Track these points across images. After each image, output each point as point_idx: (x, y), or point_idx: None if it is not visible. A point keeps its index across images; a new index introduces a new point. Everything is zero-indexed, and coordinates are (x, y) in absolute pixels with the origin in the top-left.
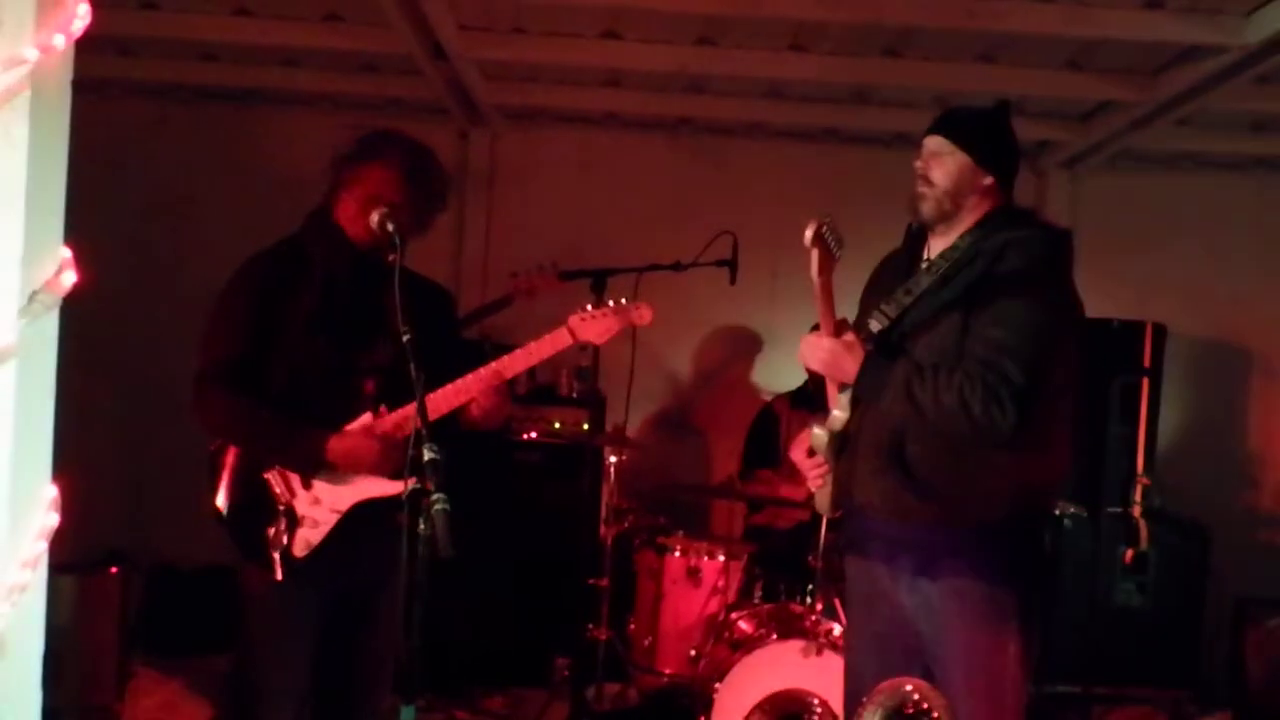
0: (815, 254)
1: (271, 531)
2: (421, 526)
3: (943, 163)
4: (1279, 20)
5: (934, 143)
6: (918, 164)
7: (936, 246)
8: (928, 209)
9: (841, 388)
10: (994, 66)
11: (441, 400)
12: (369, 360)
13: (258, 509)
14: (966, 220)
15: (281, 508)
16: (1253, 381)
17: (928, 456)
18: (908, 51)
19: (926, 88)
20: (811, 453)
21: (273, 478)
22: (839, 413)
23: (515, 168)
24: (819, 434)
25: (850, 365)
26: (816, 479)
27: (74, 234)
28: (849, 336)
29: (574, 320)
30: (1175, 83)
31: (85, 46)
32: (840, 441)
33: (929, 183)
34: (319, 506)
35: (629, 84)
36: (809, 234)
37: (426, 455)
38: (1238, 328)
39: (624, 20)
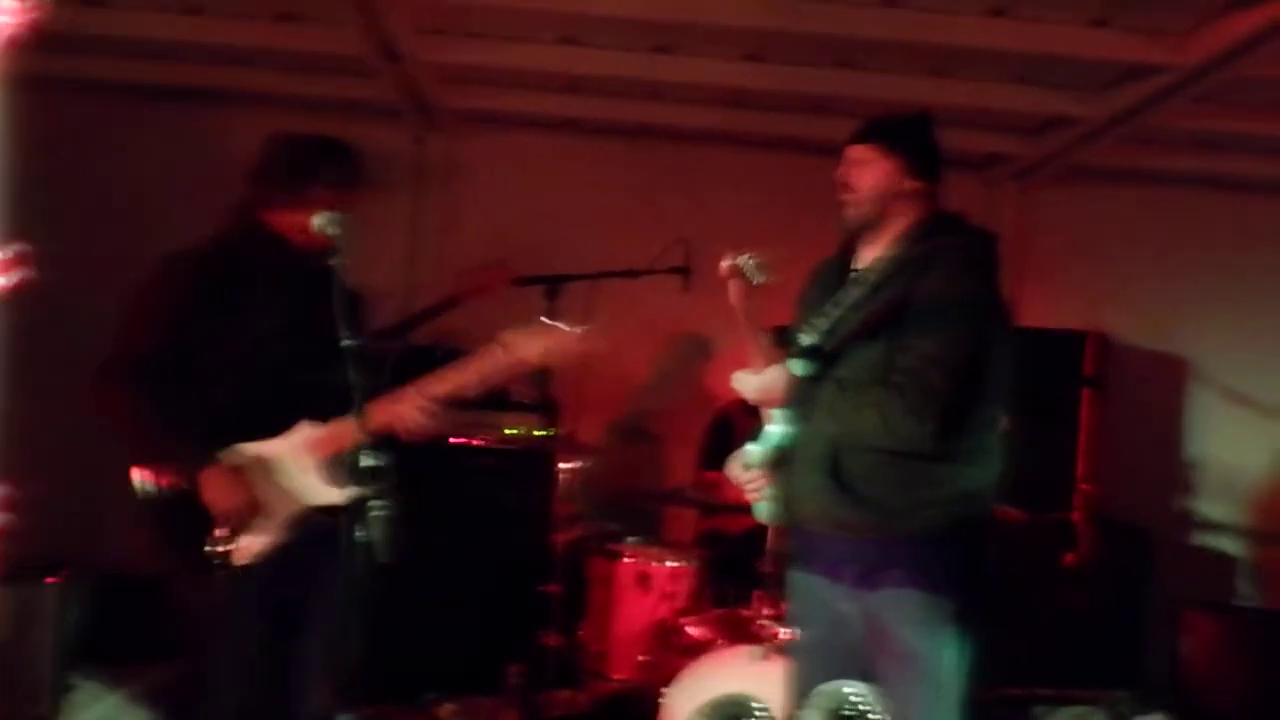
0: (733, 285)
1: (213, 539)
2: (362, 532)
3: (866, 170)
4: (1217, 41)
5: (857, 151)
6: (840, 172)
7: (865, 256)
8: (854, 215)
9: None
10: (946, 80)
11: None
12: (315, 369)
13: (197, 516)
14: (895, 228)
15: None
16: (1192, 390)
17: (864, 470)
18: (862, 64)
19: (880, 100)
20: (748, 467)
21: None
22: (774, 428)
23: (471, 172)
24: (753, 450)
25: (778, 395)
26: (754, 493)
27: (22, 234)
28: (776, 367)
29: (507, 336)
30: (1121, 99)
31: (32, 43)
32: (777, 456)
33: (851, 189)
34: (262, 513)
35: (587, 90)
36: (724, 267)
37: (367, 462)
38: (1178, 338)
39: (581, 26)
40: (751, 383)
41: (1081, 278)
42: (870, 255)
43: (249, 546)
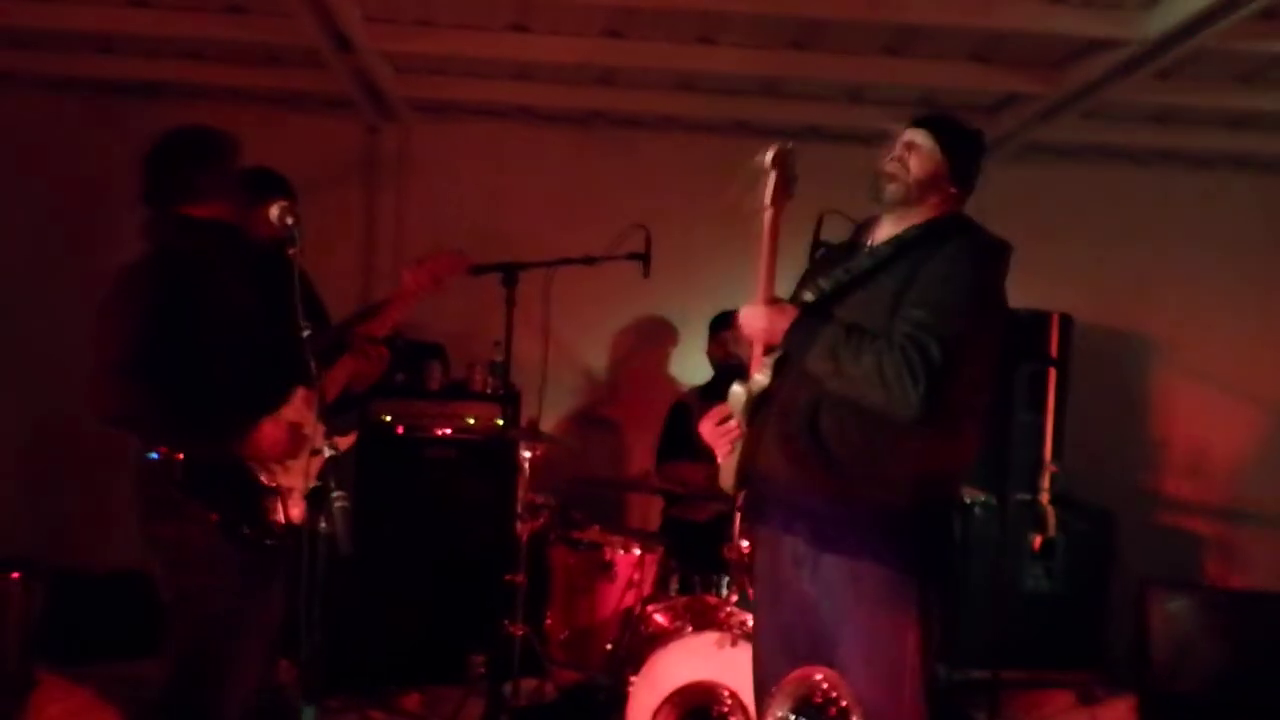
0: (772, 178)
1: (265, 513)
2: (322, 524)
3: (922, 156)
4: (1177, 14)
5: (919, 135)
6: (896, 147)
7: (882, 235)
8: (894, 190)
9: (768, 351)
10: (900, 59)
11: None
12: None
13: (247, 499)
14: (920, 216)
15: (270, 486)
16: (1155, 369)
17: (839, 430)
18: (815, 44)
19: (834, 80)
20: (724, 421)
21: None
22: (761, 377)
23: (426, 161)
24: (738, 391)
25: (782, 324)
26: (725, 446)
27: None
28: (783, 304)
29: (406, 272)
30: (1078, 76)
31: None
32: (756, 407)
33: (904, 167)
34: (293, 473)
35: (539, 77)
36: (769, 156)
37: (326, 452)
38: (1141, 317)
39: (531, 12)
40: (760, 310)
41: (1043, 257)
42: (887, 233)
43: (293, 511)
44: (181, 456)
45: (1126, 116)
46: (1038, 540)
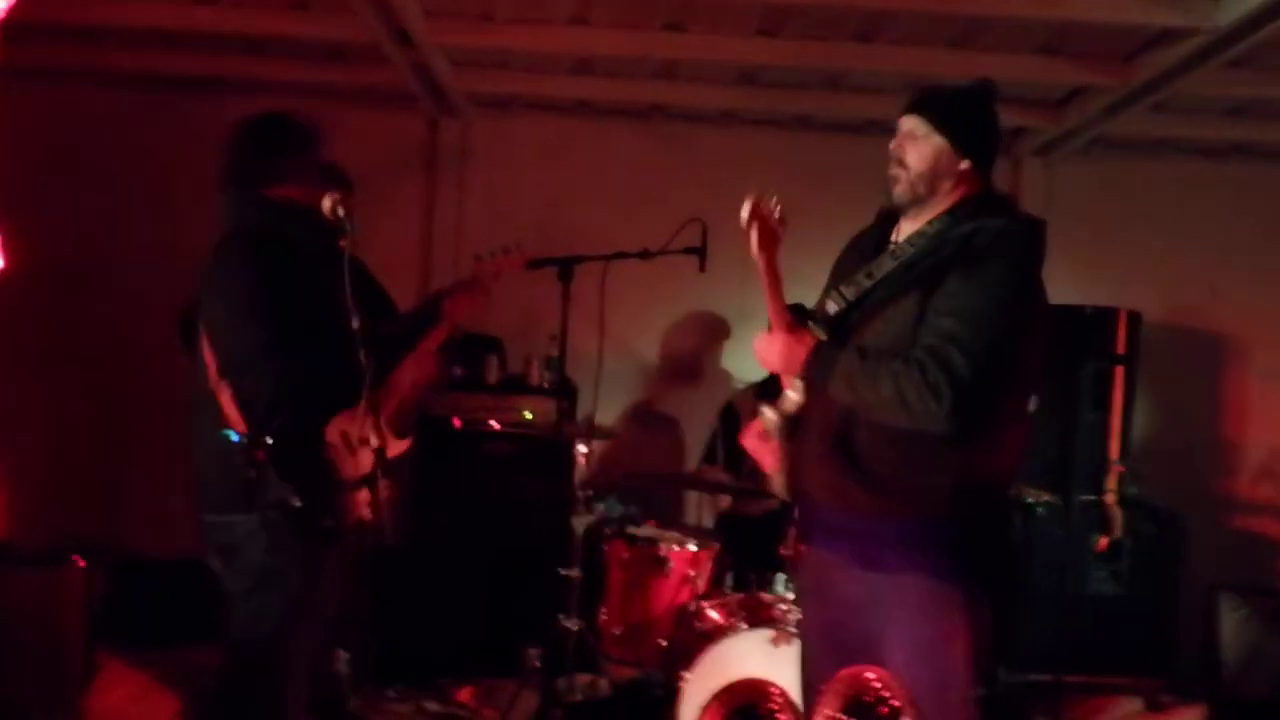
0: (754, 232)
1: (345, 506)
2: (370, 515)
3: (917, 145)
4: (1250, 3)
5: (909, 123)
6: (892, 145)
7: (906, 229)
8: (900, 192)
9: None
10: (966, 52)
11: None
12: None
13: (329, 490)
14: (940, 205)
15: (350, 480)
16: (1227, 368)
17: (873, 445)
18: (879, 36)
19: (898, 73)
20: (766, 436)
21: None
22: (793, 394)
23: (486, 155)
24: (769, 416)
25: (800, 355)
26: (772, 462)
27: (38, 225)
28: (800, 331)
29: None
30: (1148, 67)
31: (43, 35)
32: (793, 424)
33: (902, 165)
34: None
35: (599, 70)
36: (745, 211)
37: (374, 443)
38: (1212, 314)
39: (592, 5)
40: (772, 348)
41: (1111, 253)
42: (909, 229)
43: (363, 501)
44: (270, 440)
45: (1197, 109)
46: (1103, 542)
